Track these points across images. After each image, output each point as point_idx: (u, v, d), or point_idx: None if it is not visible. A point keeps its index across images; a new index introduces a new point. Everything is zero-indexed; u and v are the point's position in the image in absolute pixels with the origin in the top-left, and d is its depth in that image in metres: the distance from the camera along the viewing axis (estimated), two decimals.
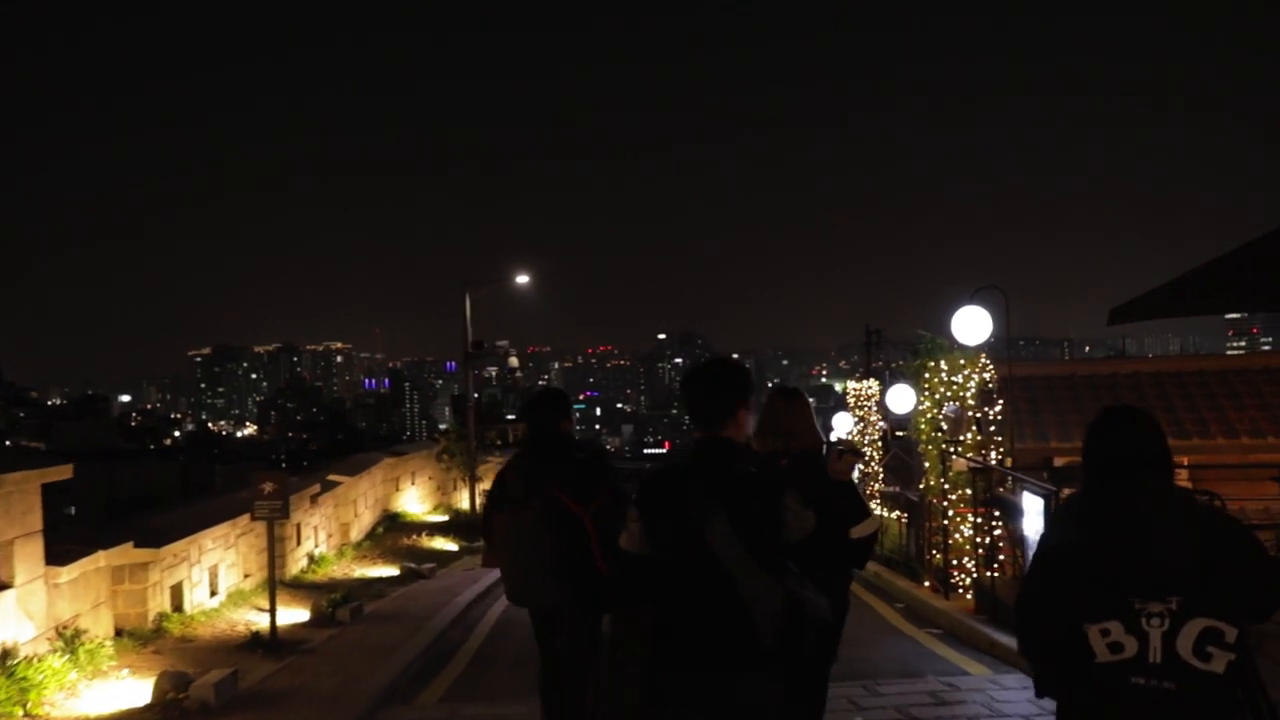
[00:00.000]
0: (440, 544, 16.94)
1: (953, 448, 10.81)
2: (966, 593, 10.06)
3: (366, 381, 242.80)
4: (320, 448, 79.17)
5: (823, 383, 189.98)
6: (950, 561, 10.45)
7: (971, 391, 10.82)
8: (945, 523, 10.68)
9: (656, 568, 2.99)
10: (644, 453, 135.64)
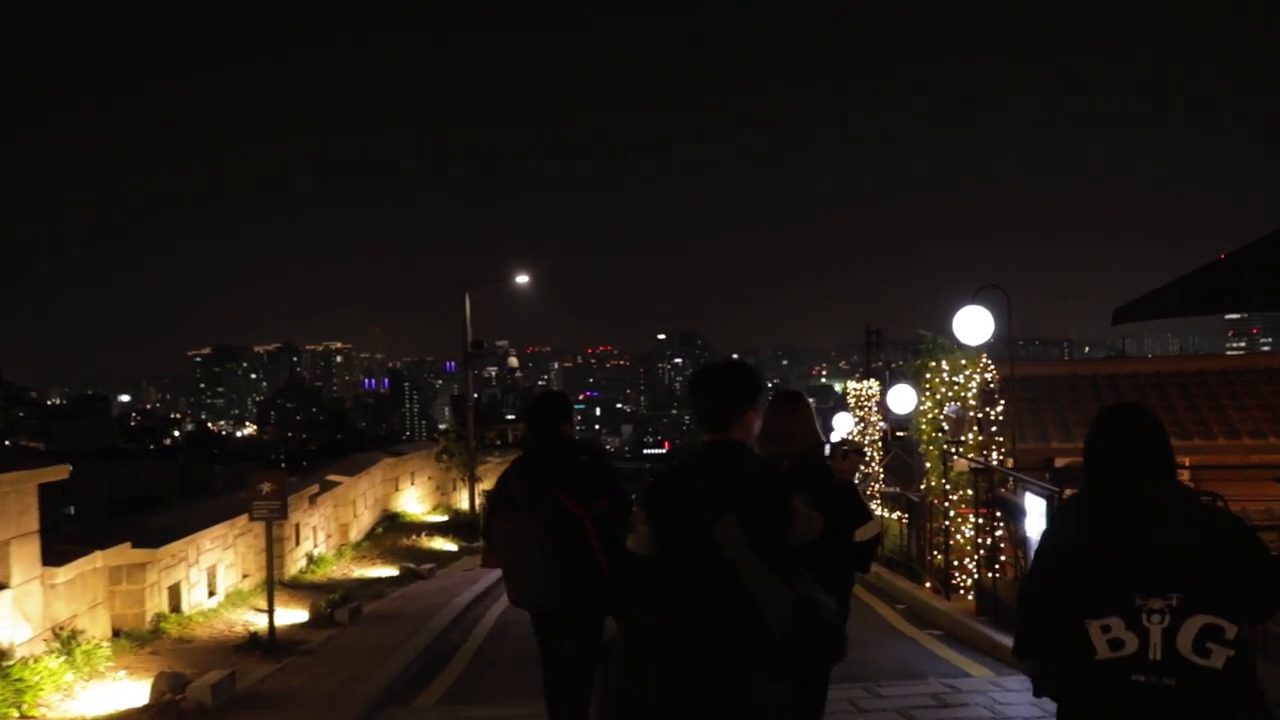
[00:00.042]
0: (439, 544, 16.92)
1: (954, 448, 10.78)
2: (968, 594, 10.02)
3: (366, 381, 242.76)
4: (320, 448, 79.22)
5: (823, 383, 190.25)
6: (951, 562, 10.42)
7: (973, 391, 10.80)
8: (946, 523, 10.65)
9: (664, 569, 2.98)
10: (644, 453, 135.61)
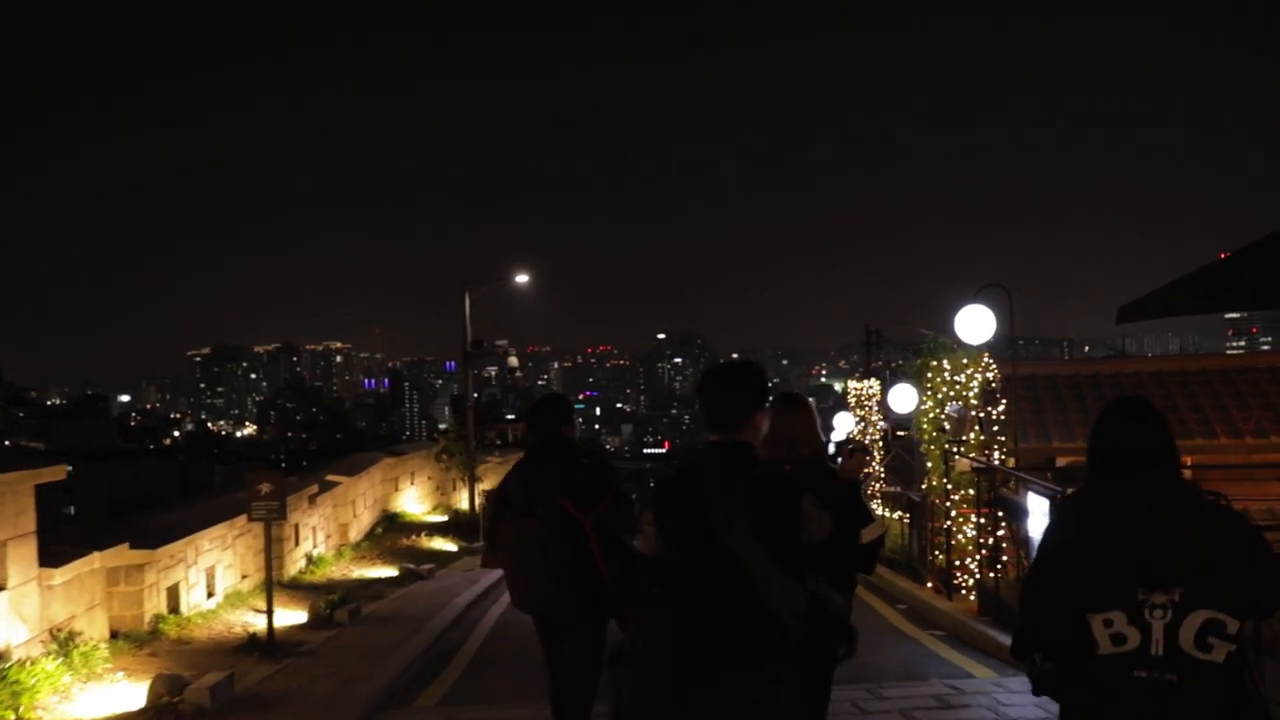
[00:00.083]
0: (439, 544, 16.88)
1: (956, 447, 10.75)
2: (970, 594, 9.99)
3: (366, 381, 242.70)
4: (319, 448, 79.28)
5: (822, 382, 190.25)
6: (953, 562, 10.39)
7: (975, 391, 10.77)
8: (948, 523, 10.62)
9: (674, 570, 2.97)
10: (643, 453, 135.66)
